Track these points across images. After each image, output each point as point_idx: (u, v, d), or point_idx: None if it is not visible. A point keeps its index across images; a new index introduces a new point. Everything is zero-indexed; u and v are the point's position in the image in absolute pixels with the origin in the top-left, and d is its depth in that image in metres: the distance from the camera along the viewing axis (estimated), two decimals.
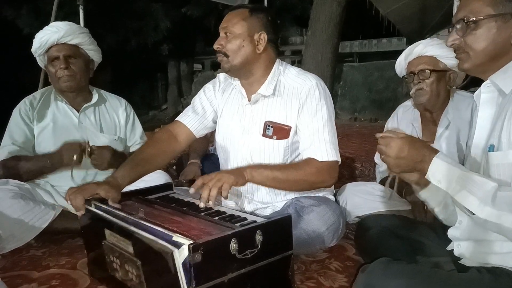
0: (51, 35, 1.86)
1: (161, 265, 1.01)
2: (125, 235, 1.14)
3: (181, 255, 0.95)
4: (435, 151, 1.02)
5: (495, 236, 1.00)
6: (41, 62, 1.98)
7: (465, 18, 1.03)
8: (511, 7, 1.00)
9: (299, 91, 1.55)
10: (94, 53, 1.99)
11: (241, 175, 1.39)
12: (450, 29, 1.09)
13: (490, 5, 1.01)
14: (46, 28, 1.92)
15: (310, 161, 1.51)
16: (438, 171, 0.99)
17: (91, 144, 1.80)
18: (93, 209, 1.32)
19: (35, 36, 1.92)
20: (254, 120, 1.61)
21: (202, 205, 1.29)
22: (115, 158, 1.83)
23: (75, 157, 1.72)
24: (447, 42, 1.09)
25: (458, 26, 1.05)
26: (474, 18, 1.02)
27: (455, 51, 1.09)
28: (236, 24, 1.52)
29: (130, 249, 1.13)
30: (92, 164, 1.81)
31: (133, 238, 1.11)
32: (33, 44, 1.91)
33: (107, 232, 1.23)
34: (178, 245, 0.96)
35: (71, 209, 1.42)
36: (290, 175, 1.47)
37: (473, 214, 0.95)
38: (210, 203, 1.29)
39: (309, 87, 1.54)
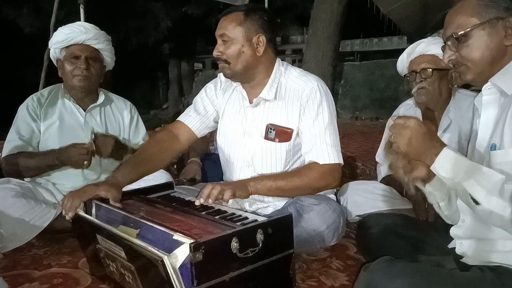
0: (79, 34, 1.87)
1: (153, 271, 1.01)
2: (116, 242, 1.13)
3: (177, 259, 0.95)
4: (444, 144, 1.03)
5: (497, 234, 1.00)
6: (54, 54, 1.96)
7: (454, 34, 1.06)
8: (494, 12, 1.02)
9: (300, 93, 1.55)
10: (110, 60, 2.02)
11: (244, 188, 1.41)
12: (443, 48, 1.11)
13: (474, 15, 1.04)
14: (73, 25, 1.92)
15: (312, 165, 1.51)
16: (447, 161, 0.99)
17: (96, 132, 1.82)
18: (83, 215, 1.31)
19: (58, 29, 1.92)
20: (255, 123, 1.60)
21: (197, 202, 1.33)
22: (118, 147, 1.85)
23: (85, 163, 1.74)
24: (443, 60, 1.11)
25: (449, 42, 1.08)
26: (462, 32, 1.05)
27: (453, 67, 1.11)
28: (233, 29, 1.49)
29: (123, 254, 1.13)
30: (96, 151, 1.80)
31: (123, 244, 1.10)
32: (54, 36, 1.91)
33: (99, 237, 1.22)
34: (168, 252, 0.95)
35: None
36: (294, 183, 1.48)
37: (478, 204, 0.95)
38: (210, 201, 1.31)
39: (310, 89, 1.54)
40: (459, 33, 1.05)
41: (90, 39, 1.89)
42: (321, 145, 1.51)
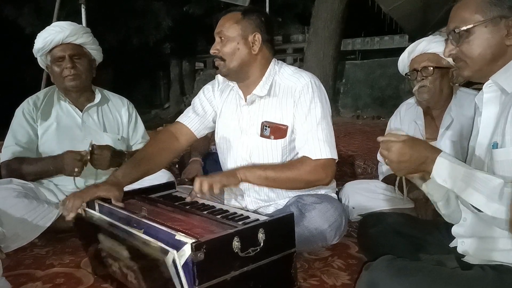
0: (56, 35, 1.86)
1: (155, 270, 1.01)
2: (118, 241, 1.13)
3: (180, 258, 0.95)
4: (438, 151, 1.02)
5: (499, 233, 1.00)
6: (42, 62, 1.96)
7: (456, 29, 1.06)
8: (498, 10, 1.02)
9: (293, 89, 1.55)
10: (96, 52, 2.00)
11: (234, 175, 1.45)
12: (445, 41, 1.11)
13: (478, 12, 1.03)
14: (48, 28, 1.91)
15: (304, 159, 1.52)
16: (443, 171, 1.00)
17: (94, 143, 1.81)
18: (85, 214, 1.31)
19: (37, 36, 1.90)
20: (251, 121, 1.61)
21: (188, 198, 1.39)
22: (115, 157, 1.83)
23: (76, 169, 1.74)
24: (444, 53, 1.11)
25: (451, 37, 1.08)
26: (465, 28, 1.04)
27: (453, 60, 1.11)
28: (230, 27, 1.52)
29: (125, 253, 1.13)
30: (93, 164, 1.81)
31: (125, 244, 1.10)
32: (35, 44, 1.90)
33: (101, 237, 1.22)
34: (166, 252, 0.95)
35: None
36: (283, 174, 1.49)
37: (480, 211, 0.95)
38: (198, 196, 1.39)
39: (302, 86, 1.54)
40: (462, 29, 1.05)
41: (68, 37, 1.87)
42: (313, 141, 1.51)
